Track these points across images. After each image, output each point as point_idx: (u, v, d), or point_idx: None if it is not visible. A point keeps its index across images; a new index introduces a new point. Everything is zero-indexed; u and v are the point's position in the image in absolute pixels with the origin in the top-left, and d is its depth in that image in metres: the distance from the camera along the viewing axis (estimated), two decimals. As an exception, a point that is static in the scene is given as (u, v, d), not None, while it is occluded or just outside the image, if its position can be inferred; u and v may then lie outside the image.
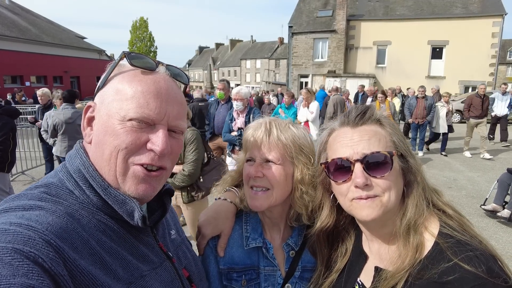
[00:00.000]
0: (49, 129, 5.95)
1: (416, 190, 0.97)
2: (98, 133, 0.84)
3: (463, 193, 7.19)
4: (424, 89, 10.65)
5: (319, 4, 28.80)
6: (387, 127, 1.01)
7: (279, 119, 1.28)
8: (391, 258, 0.99)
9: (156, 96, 0.82)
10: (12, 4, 36.45)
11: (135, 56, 0.86)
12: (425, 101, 10.42)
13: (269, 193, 1.19)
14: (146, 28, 51.58)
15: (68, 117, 5.89)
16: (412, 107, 10.66)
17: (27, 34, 31.53)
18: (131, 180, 0.82)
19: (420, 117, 10.41)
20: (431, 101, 10.52)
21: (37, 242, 0.62)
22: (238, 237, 1.28)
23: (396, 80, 22.44)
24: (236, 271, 1.24)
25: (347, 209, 1.01)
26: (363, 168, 0.94)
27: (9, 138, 4.68)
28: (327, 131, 1.10)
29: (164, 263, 0.92)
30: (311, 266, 1.27)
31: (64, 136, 5.98)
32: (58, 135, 6.00)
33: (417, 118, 10.44)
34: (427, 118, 10.38)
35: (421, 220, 0.94)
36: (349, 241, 1.19)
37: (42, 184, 0.81)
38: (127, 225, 0.84)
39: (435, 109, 10.46)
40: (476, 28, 23.73)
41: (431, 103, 10.47)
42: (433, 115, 10.44)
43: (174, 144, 0.87)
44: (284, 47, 51.67)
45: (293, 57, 28.16)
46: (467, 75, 24.32)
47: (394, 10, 26.42)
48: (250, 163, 1.22)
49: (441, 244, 0.88)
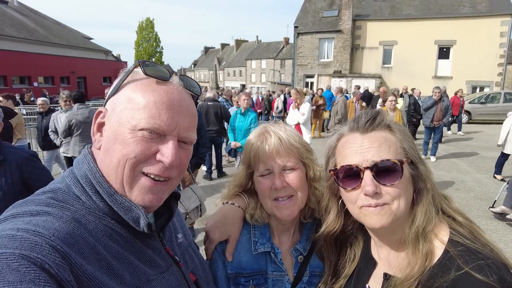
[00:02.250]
0: (62, 129, 5.94)
1: (425, 197, 0.96)
2: (107, 140, 0.84)
3: (471, 195, 7.11)
4: (440, 90, 9.79)
5: (324, 4, 28.69)
6: (397, 133, 1.00)
7: (273, 124, 1.27)
8: (400, 265, 0.98)
9: (169, 107, 0.82)
10: (20, 5, 36.89)
11: (149, 65, 0.86)
12: (442, 103, 9.76)
13: (294, 198, 1.19)
14: (152, 29, 51.72)
15: (86, 117, 5.91)
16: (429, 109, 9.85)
17: (35, 35, 31.90)
18: (137, 190, 0.83)
19: (436, 120, 9.75)
20: (447, 103, 9.93)
21: (44, 248, 0.63)
22: (246, 242, 1.28)
23: (402, 80, 22.23)
24: (244, 276, 1.24)
25: (356, 216, 1.01)
26: (373, 175, 0.93)
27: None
28: (336, 136, 1.09)
29: (171, 267, 0.92)
30: (319, 271, 1.27)
31: (81, 136, 5.97)
32: (73, 136, 5.98)
33: (434, 121, 9.77)
34: (443, 121, 9.78)
35: (430, 227, 0.94)
36: (358, 247, 1.18)
37: (49, 189, 0.82)
38: (133, 230, 0.85)
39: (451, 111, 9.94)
40: (484, 27, 23.44)
41: (447, 104, 9.87)
42: (449, 117, 9.93)
43: (183, 155, 0.87)
44: (290, 47, 51.58)
45: (299, 57, 28.09)
46: (475, 75, 24.03)
47: (400, 10, 26.21)
48: (267, 176, 1.20)
49: (451, 252, 0.87)
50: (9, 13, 32.63)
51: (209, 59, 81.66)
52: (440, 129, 9.99)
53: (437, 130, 9.90)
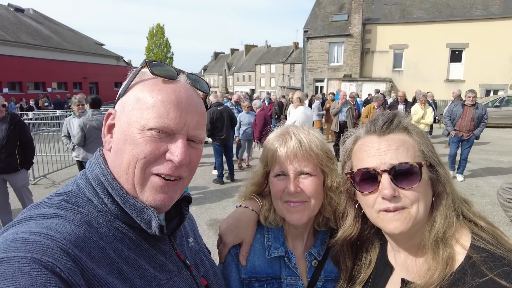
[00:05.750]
0: (78, 137, 5.92)
1: (445, 201, 0.94)
2: (117, 141, 0.84)
3: (486, 200, 6.95)
4: (475, 95, 8.18)
5: (334, 9, 28.67)
6: (416, 135, 0.98)
7: (296, 126, 1.23)
8: (418, 270, 0.96)
9: (176, 105, 0.82)
10: (36, 13, 37.93)
11: (156, 65, 0.86)
12: (474, 110, 8.02)
13: (306, 204, 1.16)
14: (163, 35, 52.44)
15: (100, 123, 5.88)
16: (455, 116, 8.26)
17: (50, 42, 32.74)
18: (149, 190, 0.82)
19: (465, 130, 8.08)
20: (482, 111, 8.07)
21: (55, 251, 0.63)
22: (260, 246, 1.26)
23: (413, 84, 22.02)
24: (257, 280, 1.23)
25: (374, 221, 0.99)
26: (391, 179, 0.91)
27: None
28: (352, 139, 1.07)
29: (182, 271, 0.92)
30: (334, 276, 1.24)
31: (95, 143, 5.93)
32: (86, 142, 5.95)
33: (462, 131, 8.12)
34: (475, 132, 8.08)
35: (450, 232, 0.91)
36: (374, 252, 1.16)
37: (62, 192, 0.83)
38: (144, 234, 0.84)
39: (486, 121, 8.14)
40: (498, 29, 23.06)
41: (482, 113, 8.05)
42: (483, 129, 8.17)
43: (192, 153, 0.87)
44: (299, 52, 51.68)
45: (308, 62, 28.06)
46: (488, 78, 23.60)
47: (411, 13, 25.99)
48: (281, 177, 1.17)
49: (473, 258, 0.84)
50: (25, 21, 33.60)
51: (218, 64, 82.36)
52: (470, 143, 8.25)
53: (466, 144, 8.24)
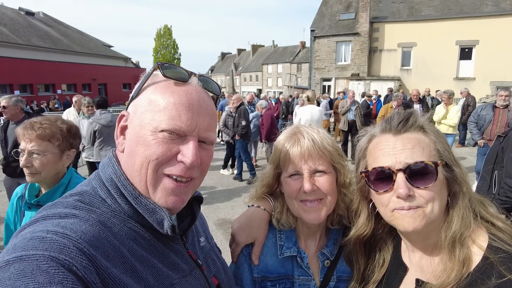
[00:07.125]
0: (88, 136, 6.07)
1: (461, 201, 0.93)
2: (130, 142, 0.85)
3: (498, 200, 6.78)
4: (508, 93, 6.64)
5: (341, 7, 28.49)
6: (431, 134, 0.97)
7: (305, 126, 1.24)
8: (434, 271, 0.95)
9: (188, 108, 0.83)
10: (45, 16, 38.51)
11: (168, 67, 0.87)
12: (508, 113, 6.41)
13: (323, 202, 1.16)
14: (170, 36, 52.72)
15: (109, 121, 6.08)
16: (483, 121, 6.68)
17: (59, 44, 33.23)
18: (161, 192, 0.84)
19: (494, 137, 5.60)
20: None
21: (72, 250, 0.65)
22: (272, 246, 1.27)
23: (422, 82, 21.73)
24: (270, 280, 1.23)
25: (388, 220, 0.98)
26: (406, 178, 0.91)
27: None
28: (367, 137, 1.07)
29: (194, 271, 0.93)
30: (346, 276, 1.24)
31: (105, 141, 6.09)
32: (97, 141, 6.10)
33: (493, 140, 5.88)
34: None
35: (467, 232, 0.90)
36: (387, 251, 1.15)
37: (77, 192, 0.84)
38: (157, 233, 0.86)
39: None
40: (509, 26, 22.64)
41: None
42: None
43: (204, 155, 0.88)
44: (306, 51, 51.50)
45: (316, 61, 27.94)
46: (500, 75, 23.20)
47: (419, 10, 25.69)
48: (295, 177, 1.17)
49: (491, 258, 0.83)
50: (35, 24, 34.17)
51: (225, 65, 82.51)
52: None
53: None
